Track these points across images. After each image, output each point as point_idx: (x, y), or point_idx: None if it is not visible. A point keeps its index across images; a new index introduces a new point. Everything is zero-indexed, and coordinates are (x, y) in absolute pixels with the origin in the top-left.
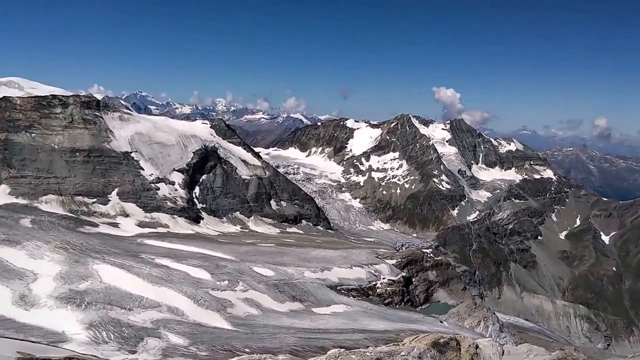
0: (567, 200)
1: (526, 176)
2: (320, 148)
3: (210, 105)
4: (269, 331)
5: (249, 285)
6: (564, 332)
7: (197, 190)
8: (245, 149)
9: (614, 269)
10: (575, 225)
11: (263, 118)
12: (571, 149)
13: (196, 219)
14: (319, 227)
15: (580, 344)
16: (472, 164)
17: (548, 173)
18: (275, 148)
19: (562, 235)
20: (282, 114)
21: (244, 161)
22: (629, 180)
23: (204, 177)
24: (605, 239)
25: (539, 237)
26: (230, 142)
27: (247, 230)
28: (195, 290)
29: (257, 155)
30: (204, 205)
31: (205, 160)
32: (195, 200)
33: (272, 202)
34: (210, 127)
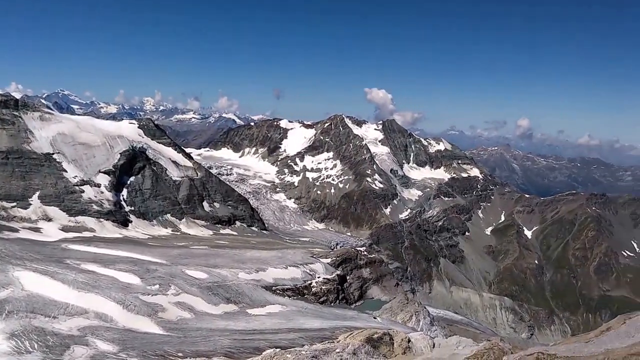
0: (493, 197)
1: (454, 175)
2: (254, 148)
3: (137, 104)
4: (202, 334)
5: (181, 289)
6: (491, 324)
7: (124, 192)
8: (175, 149)
9: (536, 262)
10: (500, 221)
11: (194, 118)
12: (496, 148)
13: (124, 222)
14: (253, 228)
15: (506, 334)
16: (404, 163)
17: (475, 171)
18: (207, 149)
19: (488, 231)
20: (214, 114)
21: (174, 162)
22: (549, 178)
23: (132, 178)
24: (528, 233)
25: (467, 233)
26: (159, 142)
27: (178, 233)
28: (124, 296)
29: (188, 156)
30: (133, 208)
31: (133, 161)
32: (122, 202)
33: (205, 204)
34: (138, 127)
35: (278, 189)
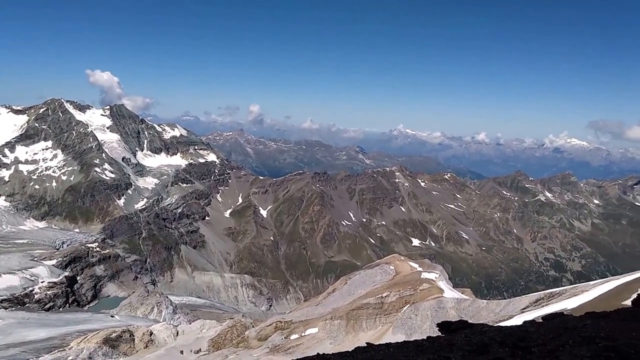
0: (230, 181)
1: (191, 160)
2: None
3: None
4: None
5: None
6: (233, 302)
7: None
8: None
9: (271, 238)
10: (238, 203)
11: None
12: (230, 133)
13: None
14: None
15: (247, 310)
16: (137, 150)
17: (211, 157)
18: None
19: (227, 214)
20: None
21: None
22: (279, 160)
23: None
24: (264, 212)
25: (207, 218)
26: None
27: None
28: None
29: None
30: None
31: None
32: None
33: None
34: None
35: None
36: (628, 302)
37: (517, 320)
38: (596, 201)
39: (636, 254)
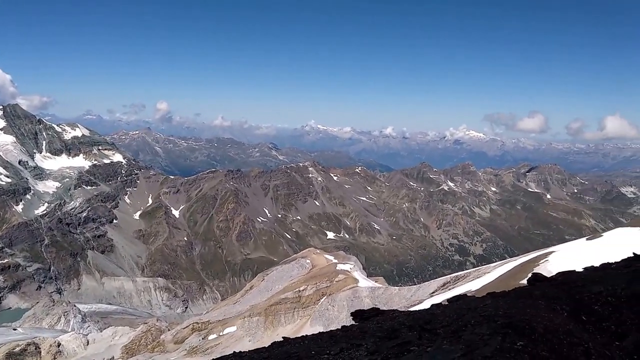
0: (139, 181)
1: (96, 161)
2: None
3: None
4: None
5: None
6: (147, 307)
7: None
8: None
9: (185, 238)
10: (148, 205)
11: None
12: (137, 132)
13: None
14: None
15: (162, 314)
16: (35, 153)
17: (117, 157)
18: None
19: (137, 216)
20: None
21: None
22: (190, 158)
23: None
24: (176, 213)
25: (115, 221)
26: None
27: None
28: None
29: None
30: None
31: None
32: None
33: None
34: None
35: None
36: (524, 281)
37: (426, 304)
38: (493, 188)
39: (530, 237)
